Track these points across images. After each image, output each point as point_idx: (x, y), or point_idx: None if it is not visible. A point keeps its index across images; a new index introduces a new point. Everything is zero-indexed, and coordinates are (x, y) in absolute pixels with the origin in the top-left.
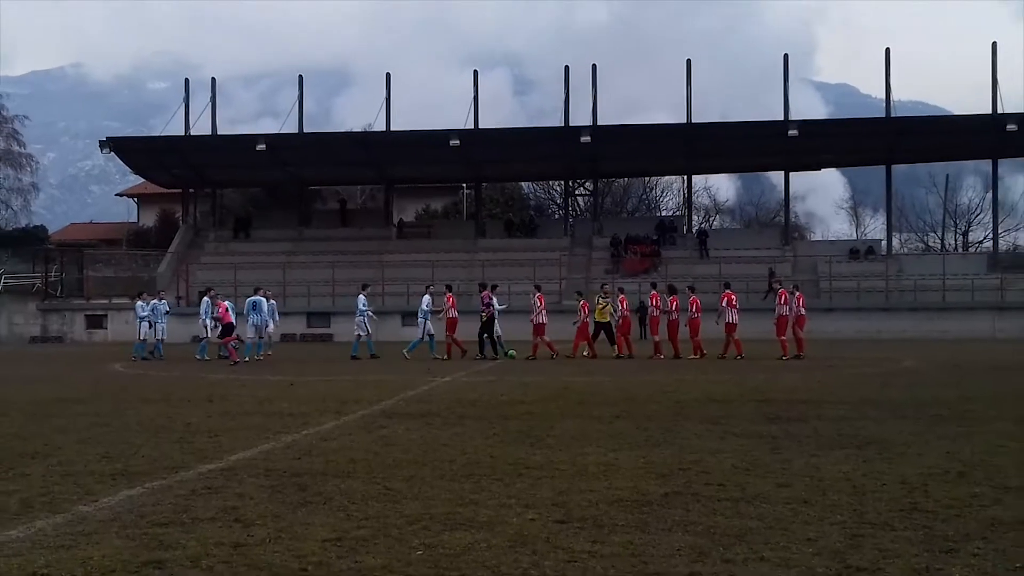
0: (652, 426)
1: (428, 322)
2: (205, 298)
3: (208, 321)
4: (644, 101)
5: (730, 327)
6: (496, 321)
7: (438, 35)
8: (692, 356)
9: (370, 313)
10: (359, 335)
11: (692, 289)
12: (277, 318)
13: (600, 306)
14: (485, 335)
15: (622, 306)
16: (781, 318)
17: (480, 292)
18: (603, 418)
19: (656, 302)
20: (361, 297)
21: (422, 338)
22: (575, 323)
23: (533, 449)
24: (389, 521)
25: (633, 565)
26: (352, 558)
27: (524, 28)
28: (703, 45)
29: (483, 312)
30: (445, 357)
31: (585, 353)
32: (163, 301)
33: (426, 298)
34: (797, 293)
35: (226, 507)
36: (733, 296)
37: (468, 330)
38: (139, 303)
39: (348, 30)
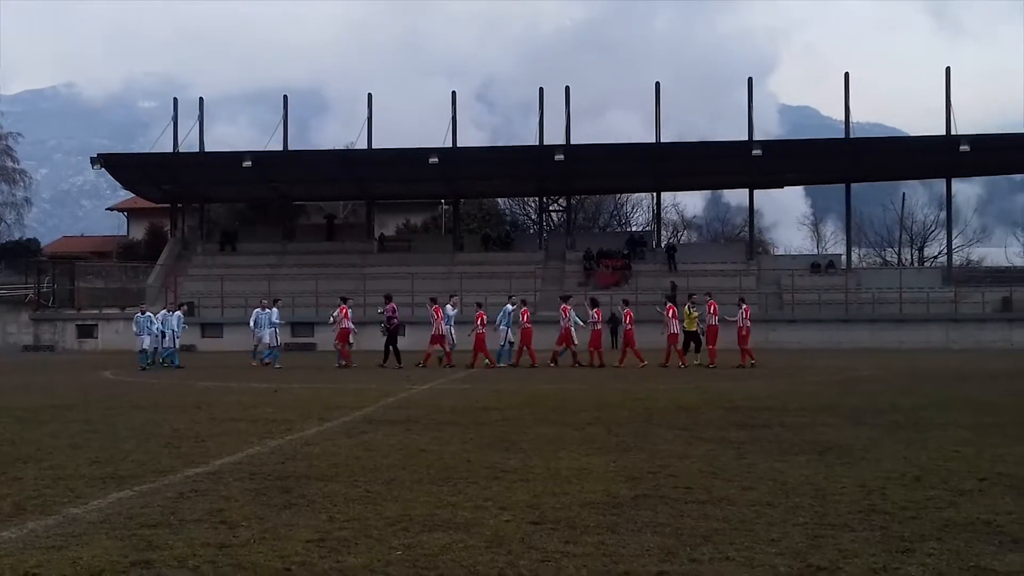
0: (623, 432)
1: (277, 331)
2: (274, 308)
3: (270, 330)
4: (609, 99)
5: (672, 337)
6: (508, 330)
7: (409, 57)
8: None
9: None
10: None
11: (626, 302)
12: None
13: (689, 315)
14: (391, 345)
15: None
16: (711, 327)
17: (386, 304)
18: (575, 424)
19: (630, 318)
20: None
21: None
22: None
23: (508, 454)
24: (370, 523)
25: (604, 564)
26: (334, 558)
27: (491, 44)
28: (669, 62)
29: (385, 324)
30: (344, 364)
31: (681, 364)
32: (174, 313)
33: (275, 311)
34: (744, 306)
35: (212, 509)
36: (674, 309)
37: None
38: (178, 314)
39: (325, 53)
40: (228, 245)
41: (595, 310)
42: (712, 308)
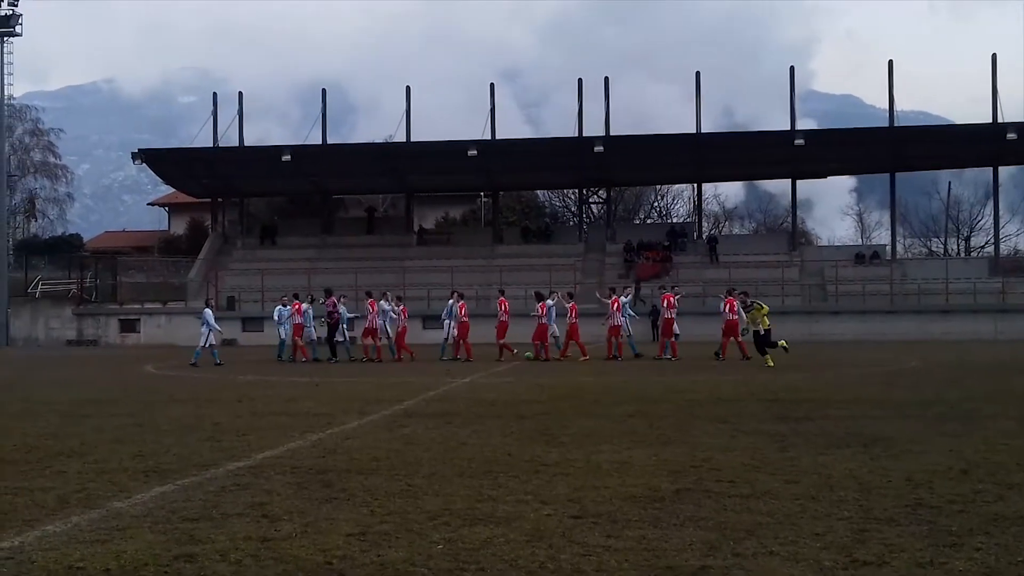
0: (664, 425)
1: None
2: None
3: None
4: (641, 68)
5: (613, 329)
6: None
7: (440, 49)
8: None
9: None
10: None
11: (571, 295)
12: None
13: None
14: (336, 338)
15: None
16: (667, 320)
17: (327, 298)
18: (616, 417)
19: (670, 302)
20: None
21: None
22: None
23: (549, 447)
24: (410, 516)
25: (646, 559)
26: (375, 552)
27: (520, 29)
28: (710, 50)
29: (325, 318)
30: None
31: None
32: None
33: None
34: (728, 298)
35: (254, 503)
36: (619, 301)
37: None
38: (304, 305)
39: (355, 44)
40: (268, 239)
41: (540, 304)
42: (666, 302)
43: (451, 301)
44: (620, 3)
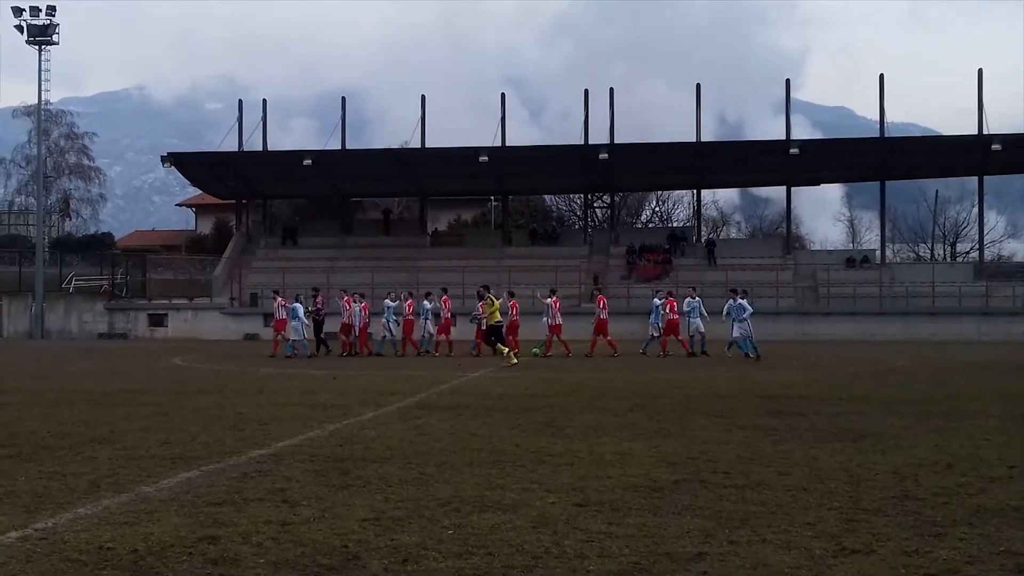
0: (663, 419)
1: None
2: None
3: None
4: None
5: (554, 328)
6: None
7: (450, 55)
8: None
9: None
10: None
11: (511, 294)
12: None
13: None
14: (321, 334)
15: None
16: (601, 320)
17: (313, 297)
18: (618, 411)
19: (603, 304)
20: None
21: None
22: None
23: (554, 439)
24: (423, 503)
25: (646, 545)
26: (389, 536)
27: (525, 35)
28: (705, 52)
29: (314, 314)
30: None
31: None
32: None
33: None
34: (669, 299)
35: (274, 489)
36: (558, 302)
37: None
38: (425, 303)
39: (376, 55)
40: (289, 239)
41: (480, 304)
42: (601, 303)
43: (387, 301)
44: (617, 7)
